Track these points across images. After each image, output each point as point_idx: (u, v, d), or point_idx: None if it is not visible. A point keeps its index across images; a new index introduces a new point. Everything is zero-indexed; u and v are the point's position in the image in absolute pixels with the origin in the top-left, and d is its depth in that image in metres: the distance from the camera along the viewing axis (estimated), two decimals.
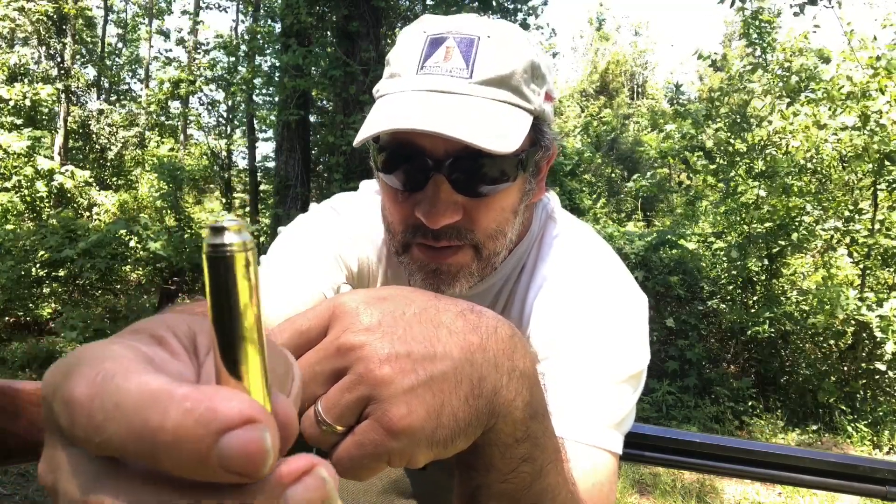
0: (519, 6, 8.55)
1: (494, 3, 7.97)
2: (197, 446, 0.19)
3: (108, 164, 12.36)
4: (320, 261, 0.75)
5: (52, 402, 0.22)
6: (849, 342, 5.23)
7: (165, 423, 0.19)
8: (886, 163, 5.10)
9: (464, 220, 0.67)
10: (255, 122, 10.24)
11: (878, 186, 5.33)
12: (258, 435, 0.19)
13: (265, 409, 0.20)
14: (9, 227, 6.36)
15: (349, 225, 0.80)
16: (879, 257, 5.43)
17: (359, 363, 0.35)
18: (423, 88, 0.64)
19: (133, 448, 0.20)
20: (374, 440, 0.34)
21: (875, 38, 5.12)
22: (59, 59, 10.78)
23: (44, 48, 10.91)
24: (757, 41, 6.07)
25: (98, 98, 13.38)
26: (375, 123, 0.64)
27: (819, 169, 5.81)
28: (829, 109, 5.32)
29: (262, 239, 7.11)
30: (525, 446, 0.41)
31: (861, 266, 5.47)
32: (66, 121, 10.56)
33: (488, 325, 0.40)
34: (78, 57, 12.28)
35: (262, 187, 10.19)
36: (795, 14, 5.39)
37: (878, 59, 5.07)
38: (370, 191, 0.85)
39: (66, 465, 0.22)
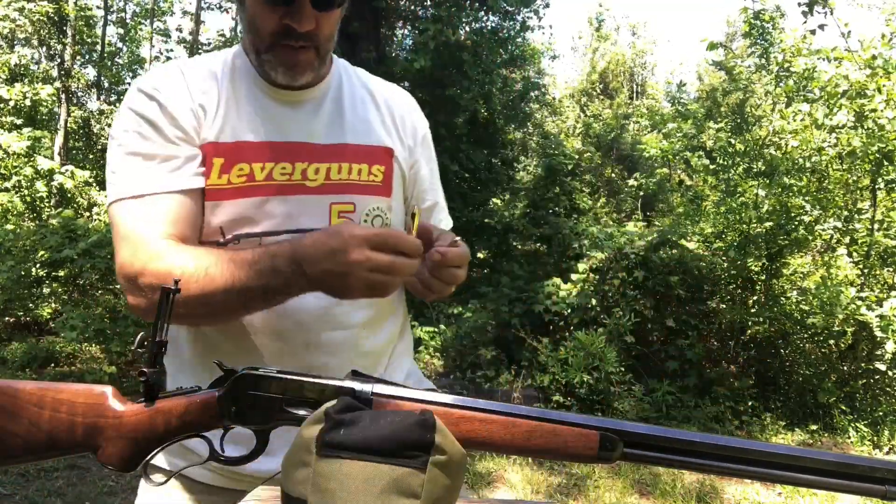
0: (520, 8, 8.55)
1: (495, 4, 7.97)
2: (411, 245, 0.83)
3: None
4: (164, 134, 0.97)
5: (364, 239, 0.81)
6: (849, 342, 5.23)
7: (405, 240, 0.82)
8: (885, 162, 5.10)
9: (315, 28, 0.96)
10: None
11: (877, 186, 5.33)
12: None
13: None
14: (9, 227, 6.35)
15: (163, 82, 1.01)
16: (879, 257, 5.43)
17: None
18: None
19: (393, 245, 0.82)
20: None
21: (883, 37, 5.11)
22: (59, 60, 10.79)
23: (44, 48, 10.91)
24: (759, 42, 6.08)
25: (98, 98, 13.39)
26: None
27: (818, 168, 5.81)
28: (827, 108, 5.33)
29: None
30: None
31: (861, 266, 5.47)
32: (66, 121, 10.56)
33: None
34: (78, 57, 12.28)
35: None
36: (804, 13, 5.38)
37: (875, 58, 5.08)
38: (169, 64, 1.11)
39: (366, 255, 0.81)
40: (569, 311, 5.73)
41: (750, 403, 5.08)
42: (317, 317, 1.02)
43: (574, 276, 5.97)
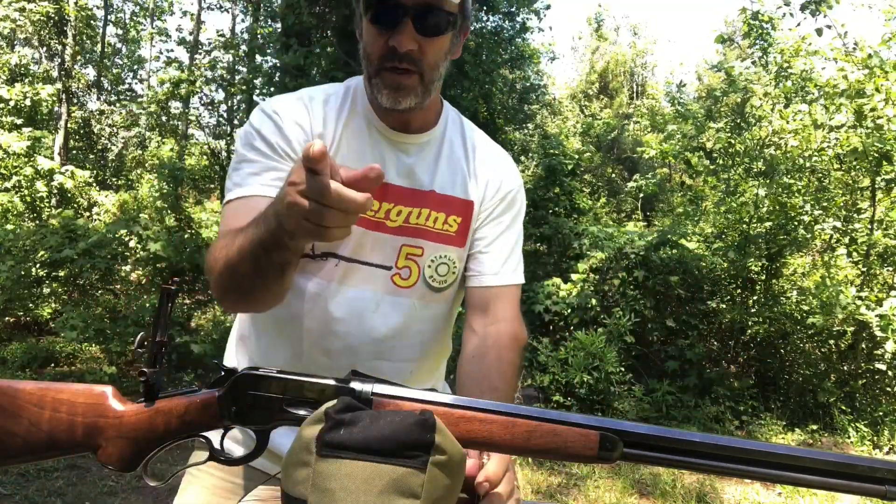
0: (520, 9, 8.55)
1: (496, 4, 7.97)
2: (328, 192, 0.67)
3: (109, 164, 12.36)
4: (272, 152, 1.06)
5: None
6: (848, 342, 5.23)
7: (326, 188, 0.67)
8: (884, 162, 5.10)
9: (418, 52, 1.00)
10: None
11: (877, 186, 5.33)
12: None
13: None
14: (9, 227, 6.35)
15: (285, 106, 1.10)
16: (879, 257, 5.43)
17: None
18: None
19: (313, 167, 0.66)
20: None
21: (892, 37, 5.11)
22: (59, 60, 10.78)
23: (44, 49, 10.91)
24: (759, 42, 6.08)
25: (98, 98, 13.39)
26: None
27: (818, 168, 5.81)
28: (825, 108, 5.33)
29: None
30: None
31: (860, 265, 5.47)
32: (66, 121, 10.56)
33: None
34: (78, 58, 12.28)
35: None
36: (811, 13, 5.39)
37: (871, 56, 5.08)
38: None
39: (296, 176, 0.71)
40: (569, 311, 5.73)
41: (750, 403, 5.08)
42: (366, 345, 1.09)
43: (574, 276, 5.97)
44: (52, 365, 5.28)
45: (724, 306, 5.65)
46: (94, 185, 9.96)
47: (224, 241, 0.92)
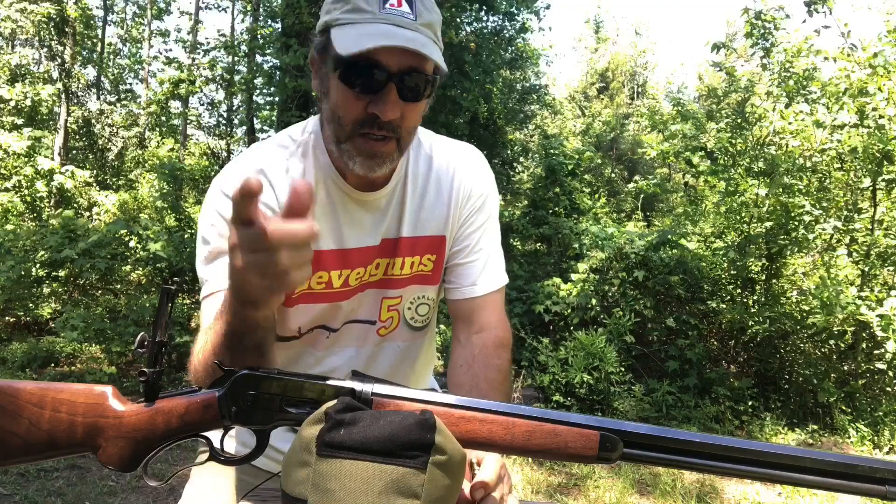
0: (521, 9, 8.56)
1: (496, 4, 7.96)
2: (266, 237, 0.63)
3: (109, 164, 12.36)
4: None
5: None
6: (849, 342, 5.23)
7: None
8: (885, 162, 5.10)
9: (400, 119, 0.94)
10: (255, 122, 10.23)
11: (877, 186, 5.33)
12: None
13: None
14: (9, 227, 6.35)
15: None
16: (879, 257, 5.42)
17: None
18: (391, 23, 0.91)
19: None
20: None
21: (890, 33, 5.11)
22: (59, 61, 10.79)
23: (45, 49, 10.91)
24: (761, 42, 6.07)
25: (98, 98, 13.38)
26: (367, 39, 0.88)
27: (819, 168, 5.81)
28: (826, 107, 5.33)
29: None
30: None
31: (861, 265, 5.46)
32: (66, 121, 10.56)
33: None
34: (78, 58, 12.28)
35: None
36: (806, 5, 5.39)
37: (876, 56, 5.08)
38: (256, 147, 1.11)
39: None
40: (569, 311, 5.73)
41: (750, 403, 5.08)
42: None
43: (574, 276, 5.97)
44: (52, 365, 5.28)
45: (724, 306, 5.65)
46: (94, 185, 9.97)
47: (198, 345, 0.87)
